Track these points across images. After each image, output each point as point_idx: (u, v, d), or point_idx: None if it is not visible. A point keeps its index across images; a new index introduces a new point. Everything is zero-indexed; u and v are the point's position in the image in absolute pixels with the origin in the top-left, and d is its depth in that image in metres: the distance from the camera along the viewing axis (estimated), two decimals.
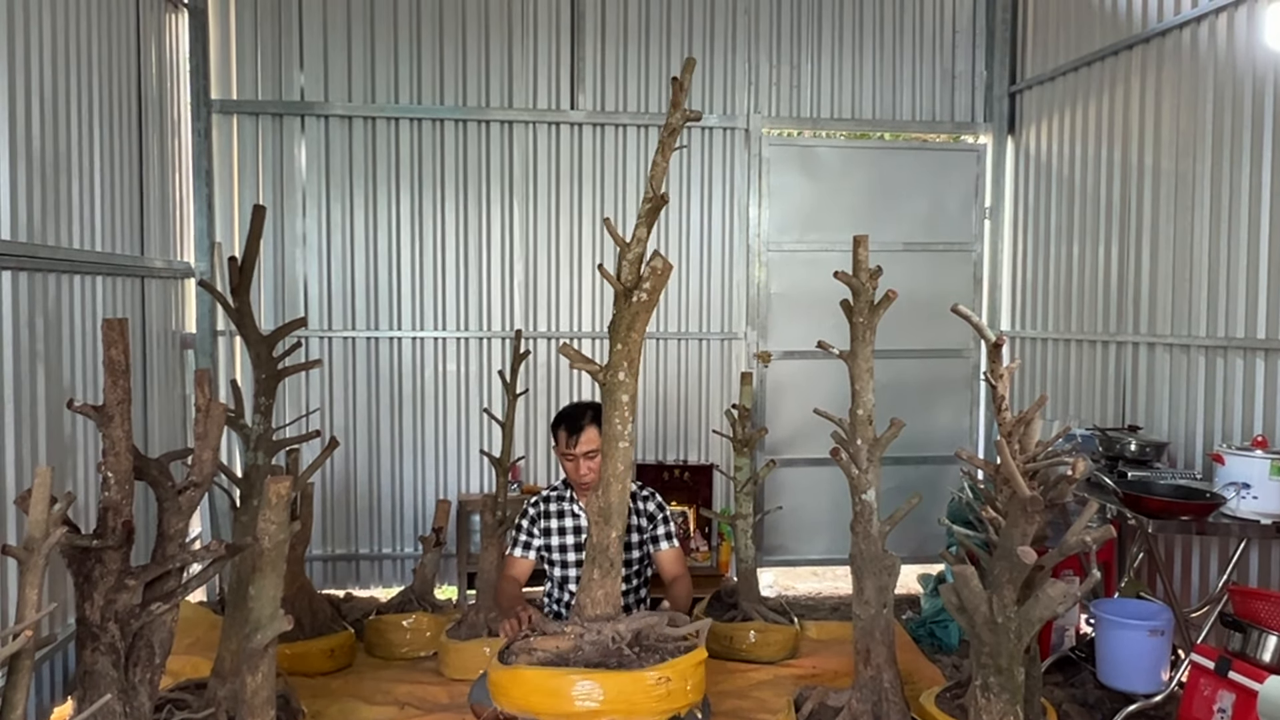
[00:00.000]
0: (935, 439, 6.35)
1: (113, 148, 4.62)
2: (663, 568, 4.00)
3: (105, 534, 2.59)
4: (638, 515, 3.96)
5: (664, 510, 4.03)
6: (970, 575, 2.63)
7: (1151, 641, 4.03)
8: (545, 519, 4.01)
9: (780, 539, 6.36)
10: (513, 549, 3.99)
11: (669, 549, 3.99)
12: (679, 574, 3.97)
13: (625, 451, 3.02)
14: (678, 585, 3.91)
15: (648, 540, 4.00)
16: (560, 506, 4.01)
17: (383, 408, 6.02)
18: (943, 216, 6.45)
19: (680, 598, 3.83)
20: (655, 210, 2.91)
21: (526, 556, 3.97)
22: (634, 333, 2.95)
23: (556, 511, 4.01)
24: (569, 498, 4.03)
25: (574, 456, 3.85)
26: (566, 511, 3.99)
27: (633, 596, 4.08)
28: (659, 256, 2.92)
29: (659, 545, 3.99)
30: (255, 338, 3.78)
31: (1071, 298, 5.74)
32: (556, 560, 4.02)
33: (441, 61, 5.97)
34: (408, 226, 6.00)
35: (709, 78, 6.24)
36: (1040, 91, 6.13)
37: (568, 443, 3.85)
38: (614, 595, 3.15)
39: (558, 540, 3.99)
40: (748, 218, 6.27)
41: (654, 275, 2.91)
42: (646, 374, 6.24)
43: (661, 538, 3.99)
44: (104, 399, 2.62)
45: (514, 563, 3.96)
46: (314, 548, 5.91)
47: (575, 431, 3.80)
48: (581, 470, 3.80)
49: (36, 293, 3.81)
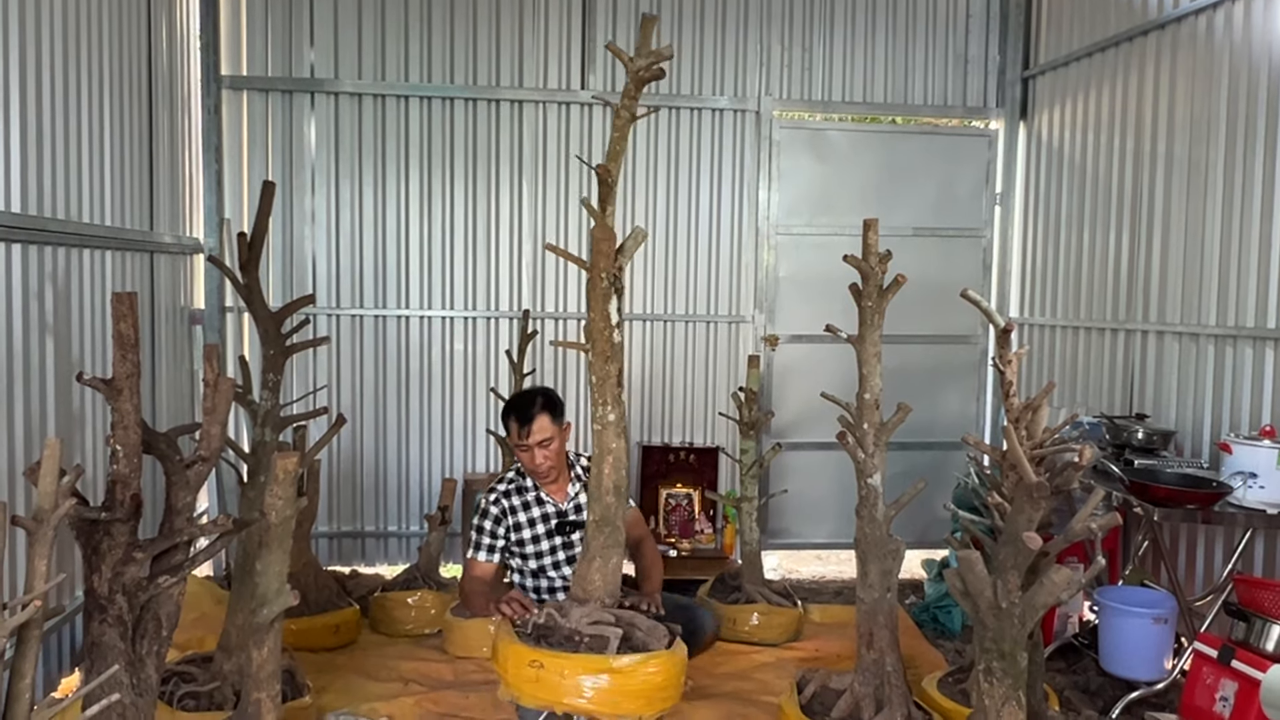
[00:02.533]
0: (942, 425, 6.35)
1: (123, 123, 4.61)
2: (628, 530, 4.00)
3: (113, 507, 2.60)
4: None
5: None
6: (975, 560, 2.63)
7: (1155, 629, 4.03)
8: (511, 514, 3.95)
9: (785, 522, 6.36)
10: (475, 552, 3.92)
11: (630, 510, 3.98)
12: (642, 535, 3.96)
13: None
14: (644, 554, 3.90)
15: None
16: (525, 498, 3.95)
17: (390, 386, 6.03)
18: (953, 202, 6.42)
19: (650, 566, 3.82)
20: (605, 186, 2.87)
21: (491, 560, 3.91)
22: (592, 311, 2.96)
23: (522, 504, 3.95)
24: (532, 485, 3.97)
25: (528, 447, 3.81)
26: (532, 501, 3.94)
27: None
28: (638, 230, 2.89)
29: None
30: (263, 314, 3.80)
31: (1081, 285, 5.72)
32: (530, 553, 3.97)
33: (452, 40, 5.95)
34: (417, 205, 5.99)
35: (720, 59, 6.21)
36: (1054, 77, 6.09)
37: (519, 433, 3.81)
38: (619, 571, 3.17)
39: (529, 532, 3.94)
40: (757, 201, 6.25)
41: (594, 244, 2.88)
42: (653, 356, 6.24)
43: None
44: (113, 372, 2.63)
45: (476, 565, 3.90)
46: (320, 524, 5.92)
47: (526, 421, 3.75)
48: (538, 459, 3.76)
49: (45, 266, 3.82)
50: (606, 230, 2.73)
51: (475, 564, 3.90)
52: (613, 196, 2.74)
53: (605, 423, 3.03)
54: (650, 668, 3.03)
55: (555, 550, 4.06)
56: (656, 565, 3.80)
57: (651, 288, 6.22)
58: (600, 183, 2.78)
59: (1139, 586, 4.41)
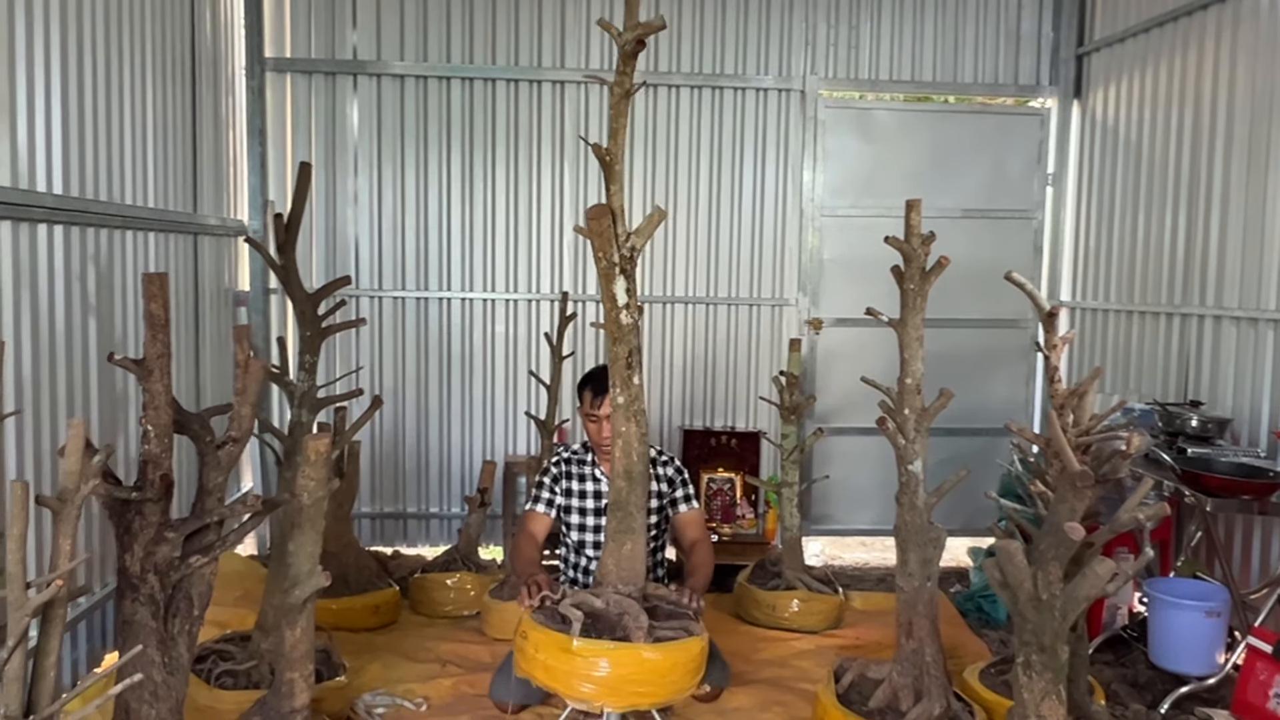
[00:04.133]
0: (991, 411, 6.22)
1: (165, 105, 4.64)
2: (682, 531, 3.97)
3: (144, 487, 2.61)
4: (656, 480, 3.93)
5: (683, 474, 4.01)
6: (1015, 550, 2.56)
7: (1207, 623, 3.92)
8: (567, 479, 3.99)
9: (829, 508, 6.29)
10: (534, 504, 3.97)
11: (688, 510, 3.96)
12: (698, 537, 3.93)
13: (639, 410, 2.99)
14: (696, 552, 3.87)
15: (666, 505, 3.97)
16: (582, 470, 3.99)
17: (432, 368, 6.04)
18: (1004, 183, 6.27)
19: (699, 564, 3.78)
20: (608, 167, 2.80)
21: (548, 514, 3.95)
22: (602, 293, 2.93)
23: (578, 474, 3.99)
24: (591, 461, 4.00)
25: (598, 418, 3.84)
26: (588, 475, 3.97)
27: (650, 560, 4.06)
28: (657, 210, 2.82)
29: (678, 508, 3.96)
30: (300, 295, 3.80)
31: (1135, 268, 5.56)
32: (574, 524, 4.00)
33: (494, 21, 5.91)
34: (458, 187, 5.98)
35: (764, 38, 6.11)
36: (1109, 54, 5.91)
37: (592, 403, 3.85)
38: (639, 557, 3.12)
39: (577, 503, 3.97)
40: (801, 182, 6.15)
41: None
42: (695, 339, 6.19)
43: (681, 500, 3.97)
44: (144, 353, 2.63)
45: (534, 518, 3.93)
46: (362, 505, 5.97)
47: (601, 393, 3.78)
48: (605, 432, 3.78)
49: (88, 247, 3.86)
50: (600, 209, 2.67)
51: (531, 515, 3.94)
52: (616, 176, 2.68)
53: (615, 405, 2.99)
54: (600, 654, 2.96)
55: (599, 530, 4.05)
56: (705, 566, 3.76)
57: (694, 270, 6.16)
58: (602, 163, 2.72)
59: (1191, 578, 4.28)
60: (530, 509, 3.95)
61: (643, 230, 2.75)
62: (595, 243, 2.75)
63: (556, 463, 4.01)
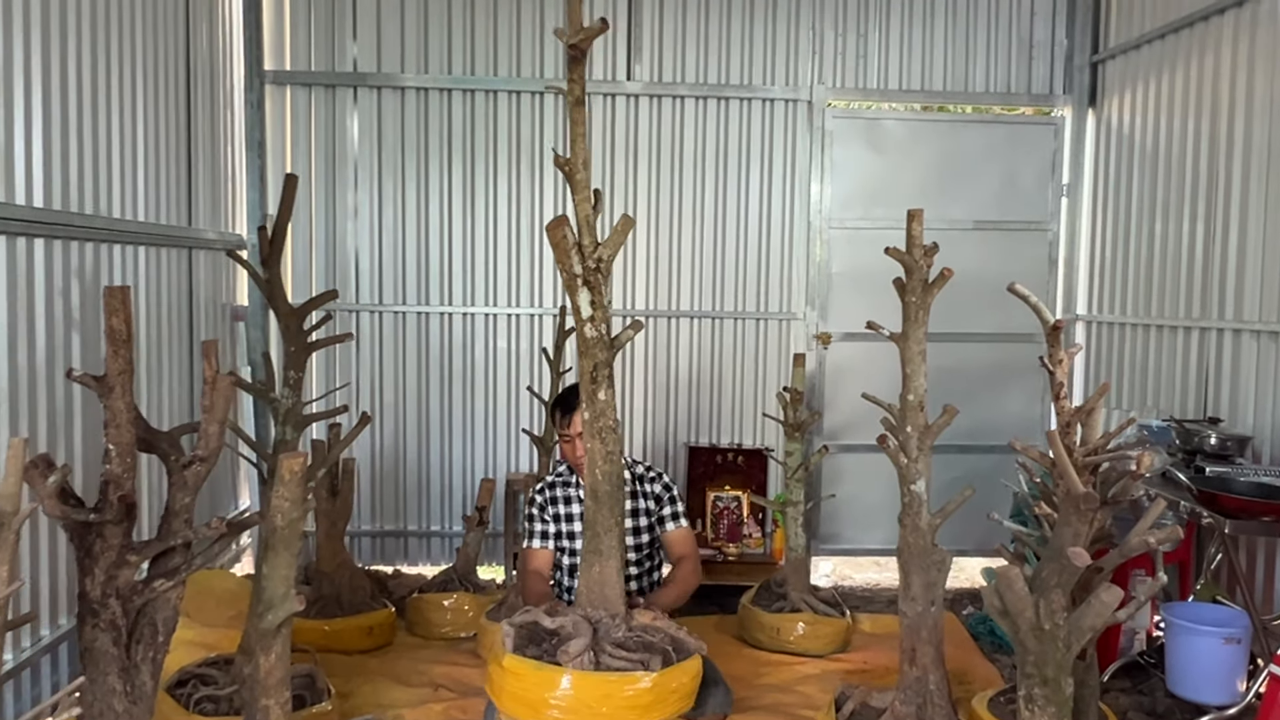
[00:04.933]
0: (1003, 427, 6.04)
1: (158, 116, 4.58)
2: (670, 549, 3.89)
3: (104, 508, 2.51)
4: (644, 498, 3.85)
5: (671, 490, 3.91)
6: (1014, 576, 2.42)
7: (1227, 650, 3.75)
8: (553, 505, 3.90)
9: (838, 527, 6.14)
10: (529, 540, 3.88)
11: (676, 529, 3.87)
12: (685, 554, 3.84)
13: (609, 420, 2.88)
14: (681, 566, 3.78)
15: (656, 522, 3.87)
16: (567, 492, 3.91)
17: (432, 383, 5.95)
18: (1017, 193, 6.13)
19: (680, 579, 3.68)
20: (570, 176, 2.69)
21: (545, 547, 3.86)
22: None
23: (563, 497, 3.91)
24: (575, 482, 3.92)
25: (570, 438, 3.79)
26: (573, 497, 3.88)
27: (645, 580, 3.96)
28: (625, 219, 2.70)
29: (665, 526, 3.87)
30: (285, 310, 3.71)
31: (1153, 280, 5.41)
32: (565, 548, 3.91)
33: (495, 32, 5.84)
34: (459, 200, 5.90)
35: (770, 47, 6.01)
36: (1124, 61, 5.76)
37: (562, 422, 3.81)
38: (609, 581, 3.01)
39: (566, 526, 3.89)
40: (809, 193, 6.03)
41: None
42: (701, 354, 6.07)
43: (668, 518, 3.88)
44: (105, 369, 2.54)
45: (533, 555, 3.84)
46: (362, 523, 5.89)
47: (569, 411, 3.75)
48: (579, 451, 3.72)
49: (72, 261, 3.78)
50: (558, 221, 2.57)
51: (530, 554, 3.84)
52: (579, 185, 2.57)
53: (583, 422, 2.88)
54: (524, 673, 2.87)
55: None
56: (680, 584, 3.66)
57: (700, 284, 6.05)
58: (563, 173, 2.62)
59: (1210, 603, 4.12)
60: (527, 546, 3.86)
61: (611, 240, 2.63)
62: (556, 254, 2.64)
63: (540, 490, 3.93)
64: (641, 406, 6.06)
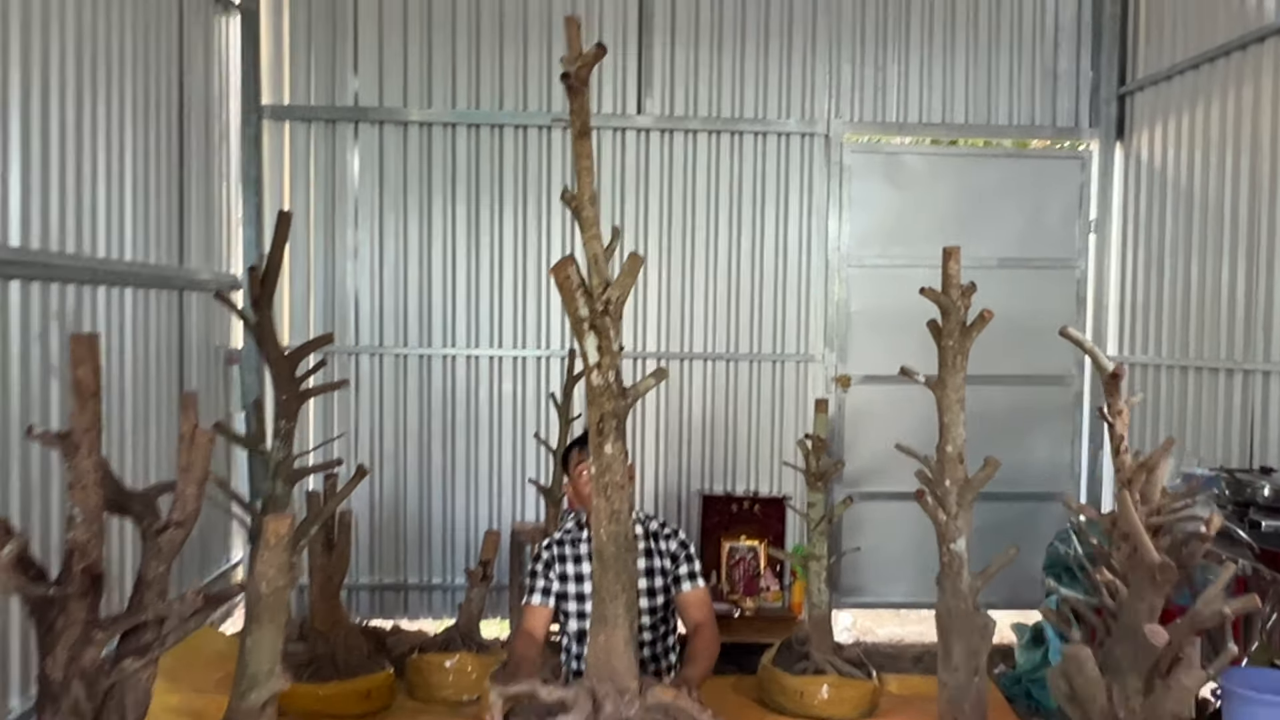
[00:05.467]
0: (1032, 474, 5.80)
1: (148, 153, 4.38)
2: (685, 612, 3.55)
3: (67, 580, 2.26)
4: (659, 556, 3.54)
5: (687, 549, 3.58)
6: (1084, 658, 2.15)
7: None
8: (561, 563, 3.58)
9: (860, 579, 5.85)
10: (529, 596, 3.57)
11: (692, 590, 3.53)
12: (702, 620, 3.51)
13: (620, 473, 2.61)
14: (700, 636, 3.45)
15: (671, 582, 3.55)
16: (576, 550, 3.58)
17: (435, 429, 5.70)
18: (1043, 230, 5.90)
19: (701, 650, 3.38)
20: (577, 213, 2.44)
21: (545, 604, 3.55)
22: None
23: (573, 555, 3.59)
24: (586, 539, 3.61)
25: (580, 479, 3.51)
26: (583, 555, 3.56)
27: (660, 646, 3.65)
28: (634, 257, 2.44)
29: (681, 587, 3.53)
30: (276, 356, 3.47)
31: (1190, 320, 5.16)
32: (572, 611, 3.60)
33: (501, 65, 5.65)
34: (464, 238, 5.69)
35: (785, 80, 5.82)
36: (1154, 92, 5.56)
37: (578, 460, 3.51)
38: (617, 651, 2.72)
39: (573, 588, 3.57)
40: (826, 230, 5.81)
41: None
42: (715, 398, 5.83)
43: (684, 578, 3.54)
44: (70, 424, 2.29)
45: (532, 613, 3.54)
46: (361, 576, 5.63)
47: (585, 446, 3.45)
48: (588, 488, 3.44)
49: (51, 303, 3.56)
50: (564, 262, 2.31)
51: (528, 611, 3.55)
52: (588, 222, 2.33)
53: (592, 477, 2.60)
54: None
55: None
56: (705, 653, 3.36)
57: (714, 325, 5.81)
58: (570, 209, 2.37)
59: (1268, 667, 3.82)
60: (527, 602, 3.56)
61: (619, 281, 2.38)
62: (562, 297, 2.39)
63: (548, 545, 3.63)
64: (653, 452, 5.81)
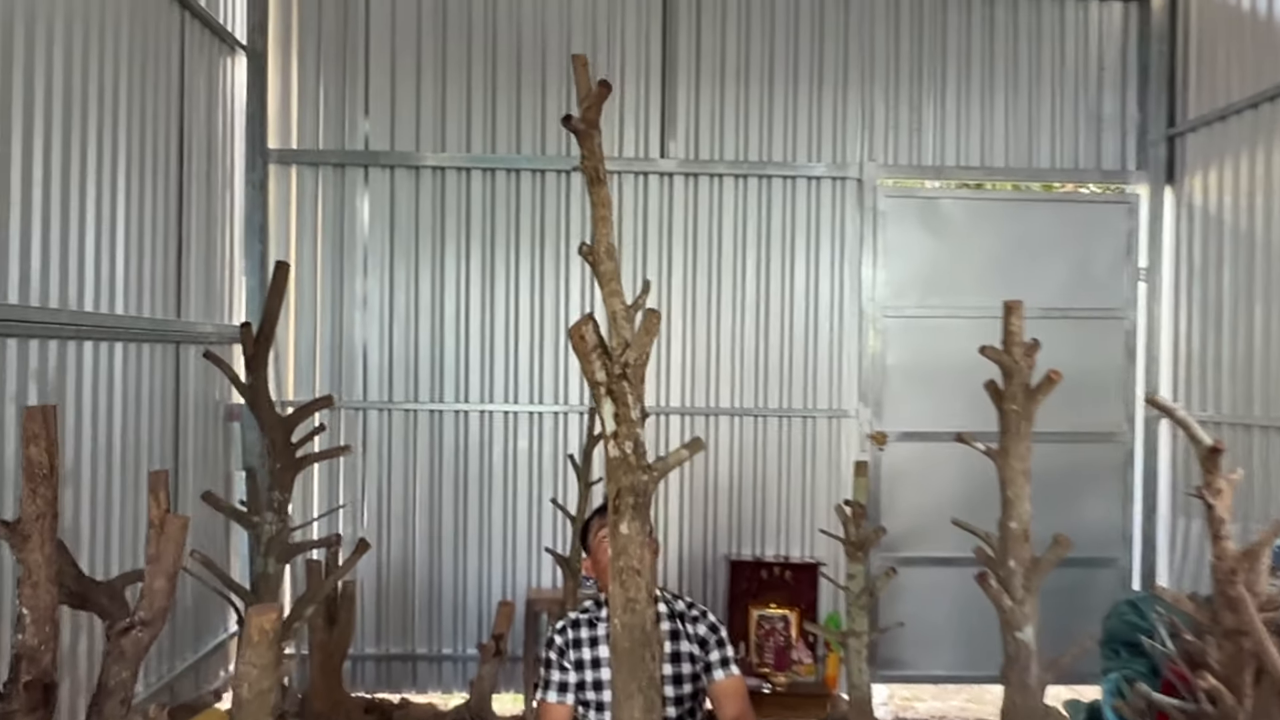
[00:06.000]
0: (1082, 538, 5.24)
1: (144, 199, 4.14)
2: (719, 704, 3.15)
3: (13, 695, 1.95)
4: (687, 639, 3.15)
5: (718, 632, 3.19)
6: None
7: None
8: (576, 648, 3.18)
9: (897, 651, 5.46)
10: (544, 692, 3.16)
11: (726, 679, 3.12)
12: (739, 714, 3.12)
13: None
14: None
15: (700, 671, 3.16)
16: (594, 632, 3.19)
17: (445, 489, 5.38)
18: (1089, 279, 5.58)
19: None
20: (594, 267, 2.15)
21: (564, 701, 3.14)
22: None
23: (589, 638, 3.19)
24: (605, 617, 3.22)
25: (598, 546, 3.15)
26: (600, 638, 3.17)
27: None
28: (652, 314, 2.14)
29: (713, 675, 3.13)
30: (271, 420, 3.18)
31: (1252, 375, 4.82)
32: (590, 701, 3.20)
33: (519, 107, 5.40)
34: (478, 288, 5.41)
35: (816, 122, 5.55)
36: (1207, 134, 5.26)
37: (598, 528, 3.15)
38: None
39: (591, 675, 3.17)
40: (860, 279, 5.51)
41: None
42: (743, 456, 5.50)
43: (716, 664, 3.14)
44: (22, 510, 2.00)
45: (547, 711, 3.14)
46: (366, 646, 5.31)
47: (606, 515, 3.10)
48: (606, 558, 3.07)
49: (30, 360, 3.29)
50: (582, 322, 2.01)
51: (545, 710, 3.15)
52: (606, 276, 2.03)
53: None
54: None
55: None
56: None
57: (741, 379, 5.50)
58: (588, 263, 2.08)
59: None
60: (542, 699, 3.17)
61: (637, 341, 2.07)
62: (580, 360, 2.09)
63: (562, 629, 3.23)
64: (676, 514, 5.47)
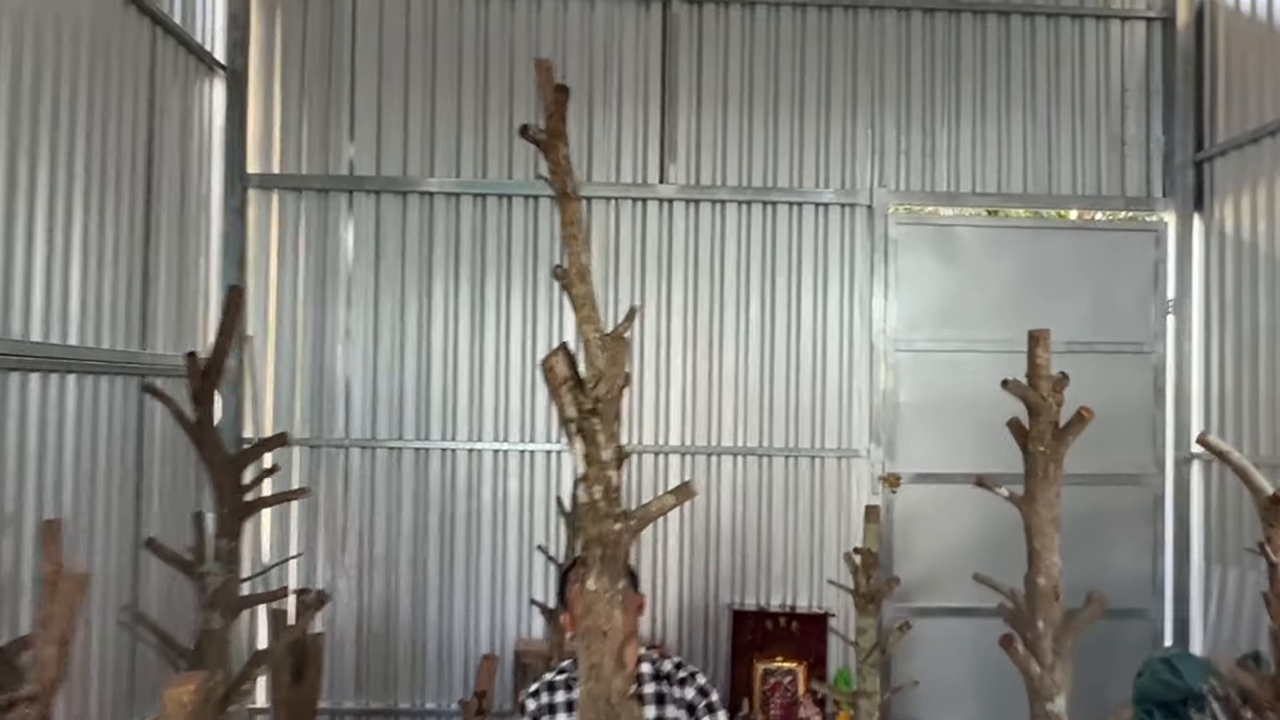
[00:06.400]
0: (1108, 586, 4.99)
1: (103, 224, 3.92)
2: None
3: None
4: (673, 704, 2.84)
5: (708, 696, 2.87)
6: None
7: None
8: (552, 713, 2.89)
9: (910, 709, 5.10)
10: None
11: None
12: None
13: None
14: None
15: None
16: (570, 695, 2.89)
17: (431, 532, 5.10)
18: (1113, 311, 5.30)
19: None
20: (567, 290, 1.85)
21: None
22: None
23: (565, 702, 2.89)
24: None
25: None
26: (576, 703, 2.86)
27: None
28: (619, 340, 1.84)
29: None
30: (219, 460, 2.89)
31: None
32: None
33: (510, 130, 5.17)
34: (467, 318, 5.17)
35: (824, 146, 5.31)
36: (1237, 157, 4.98)
37: (577, 579, 2.84)
38: None
39: None
40: (870, 311, 5.23)
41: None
42: (746, 498, 5.20)
43: None
44: None
45: None
46: (345, 700, 5.01)
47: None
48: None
49: None
50: (554, 355, 1.71)
51: None
52: (580, 301, 1.74)
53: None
54: None
55: None
56: None
57: (744, 416, 5.22)
58: (563, 288, 1.78)
59: None
60: None
61: (606, 373, 1.78)
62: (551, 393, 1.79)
63: (535, 693, 2.93)
64: (676, 560, 5.18)
